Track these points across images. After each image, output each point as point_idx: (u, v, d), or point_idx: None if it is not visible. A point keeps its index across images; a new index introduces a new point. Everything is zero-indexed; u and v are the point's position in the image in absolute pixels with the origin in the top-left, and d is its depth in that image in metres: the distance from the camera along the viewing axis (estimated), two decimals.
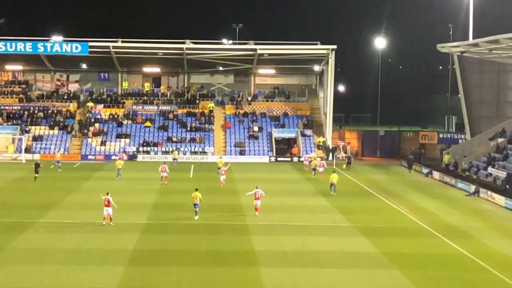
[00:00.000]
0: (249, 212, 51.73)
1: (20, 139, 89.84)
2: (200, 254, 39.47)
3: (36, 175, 67.98)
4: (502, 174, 68.07)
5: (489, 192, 61.63)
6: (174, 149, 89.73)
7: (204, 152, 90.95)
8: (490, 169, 71.92)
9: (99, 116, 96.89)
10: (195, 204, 49.02)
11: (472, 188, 64.63)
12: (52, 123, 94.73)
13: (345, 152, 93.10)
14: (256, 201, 51.22)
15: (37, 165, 68.99)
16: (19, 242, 41.72)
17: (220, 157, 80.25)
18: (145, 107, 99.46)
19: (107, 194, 47.27)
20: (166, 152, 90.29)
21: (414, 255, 40.05)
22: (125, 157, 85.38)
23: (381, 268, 37.20)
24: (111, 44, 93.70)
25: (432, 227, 48.15)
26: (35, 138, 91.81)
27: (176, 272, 35.99)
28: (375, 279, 35.46)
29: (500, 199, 58.95)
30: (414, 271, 36.68)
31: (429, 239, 44.69)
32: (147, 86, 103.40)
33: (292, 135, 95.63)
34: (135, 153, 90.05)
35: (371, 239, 43.85)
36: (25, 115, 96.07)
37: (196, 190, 49.71)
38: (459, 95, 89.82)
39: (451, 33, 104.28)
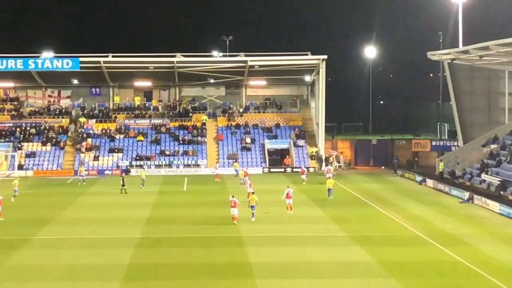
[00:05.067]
0: (244, 223, 51.70)
1: (13, 156, 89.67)
2: (195, 267, 39.36)
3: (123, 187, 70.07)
4: (496, 180, 68.15)
5: (483, 199, 61.60)
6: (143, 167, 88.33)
7: (197, 165, 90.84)
8: (483, 176, 71.97)
9: (91, 131, 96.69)
10: (251, 206, 53.17)
11: (466, 195, 64.62)
12: (44, 139, 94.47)
13: (338, 162, 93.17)
14: (288, 200, 56.56)
15: (123, 178, 71.67)
16: (14, 259, 41.56)
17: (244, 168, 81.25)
18: (137, 121, 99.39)
19: (233, 196, 52.28)
20: (159, 166, 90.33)
21: (410, 263, 39.99)
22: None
23: (377, 277, 37.12)
24: (102, 59, 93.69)
25: (426, 235, 48.10)
26: (27, 155, 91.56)
27: (171, 286, 35.96)
28: None
29: (494, 205, 58.93)
30: (410, 280, 36.65)
31: (424, 247, 44.64)
32: (138, 100, 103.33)
33: (285, 146, 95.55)
34: (128, 167, 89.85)
35: (366, 248, 43.78)
36: (18, 132, 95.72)
37: (253, 193, 54.57)
38: (450, 102, 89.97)
39: (441, 40, 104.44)
